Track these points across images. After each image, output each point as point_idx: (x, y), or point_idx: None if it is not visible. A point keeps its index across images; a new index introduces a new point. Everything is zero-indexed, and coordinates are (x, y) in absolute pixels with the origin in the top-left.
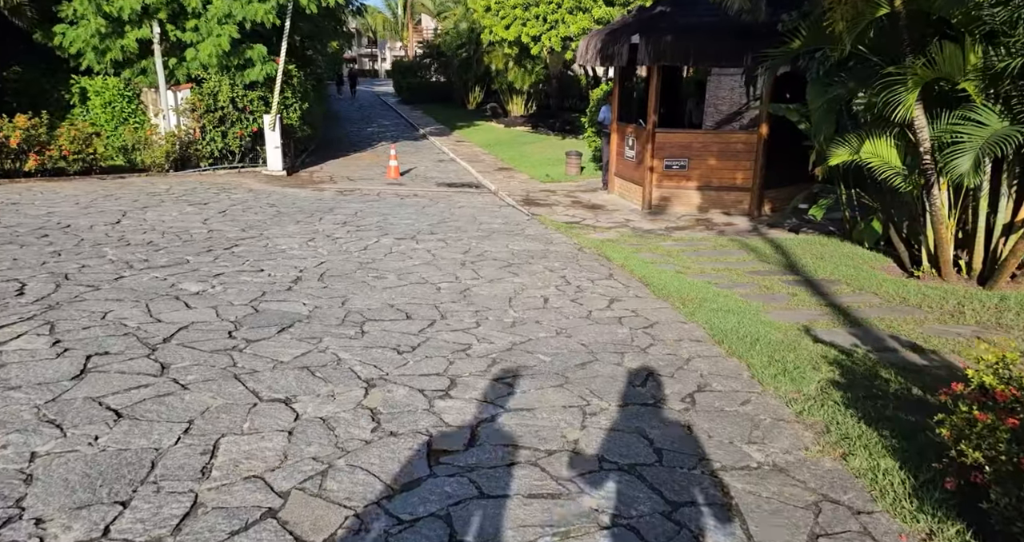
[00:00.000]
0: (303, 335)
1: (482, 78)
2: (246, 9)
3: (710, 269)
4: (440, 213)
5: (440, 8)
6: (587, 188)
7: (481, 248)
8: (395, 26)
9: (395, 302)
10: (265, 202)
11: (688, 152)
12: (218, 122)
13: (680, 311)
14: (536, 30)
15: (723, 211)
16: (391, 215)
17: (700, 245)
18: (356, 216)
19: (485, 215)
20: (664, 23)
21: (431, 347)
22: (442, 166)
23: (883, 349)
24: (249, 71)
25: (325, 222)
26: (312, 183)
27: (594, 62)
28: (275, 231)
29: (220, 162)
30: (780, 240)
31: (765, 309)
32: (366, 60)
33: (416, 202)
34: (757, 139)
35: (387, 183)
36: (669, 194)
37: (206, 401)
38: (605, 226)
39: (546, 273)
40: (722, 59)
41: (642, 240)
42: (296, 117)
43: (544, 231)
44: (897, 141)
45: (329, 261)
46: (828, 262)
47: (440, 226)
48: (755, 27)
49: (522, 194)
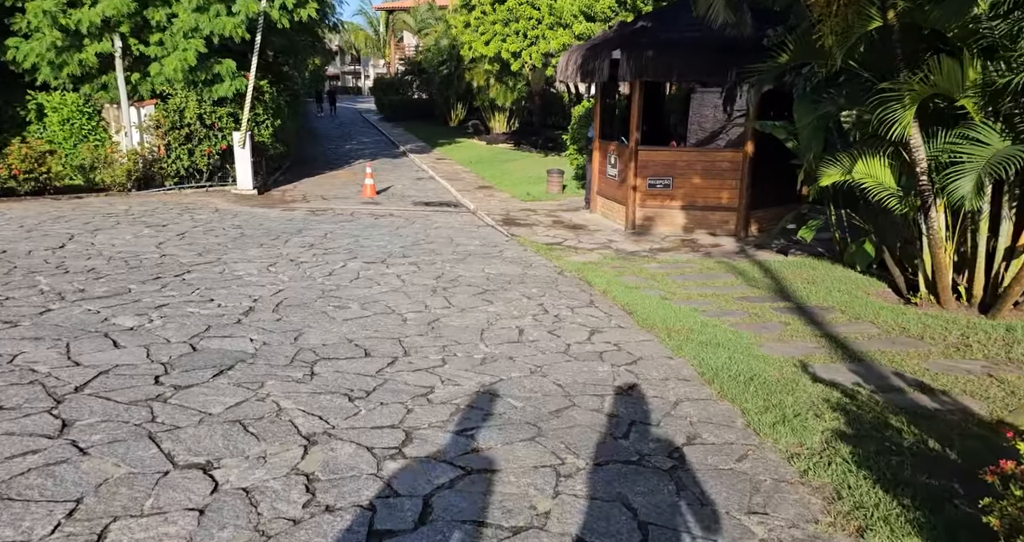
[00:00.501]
0: (243, 379)
1: (464, 95)
2: (214, 23)
3: (697, 294)
4: (415, 234)
5: (421, 25)
6: (569, 207)
7: (455, 273)
8: (377, 43)
9: (355, 336)
10: (230, 223)
11: (672, 170)
12: (184, 139)
13: (666, 344)
14: (516, 46)
15: (709, 231)
16: (363, 237)
17: (686, 268)
18: (325, 238)
19: (462, 236)
20: (646, 38)
21: (388, 391)
22: (420, 184)
23: (888, 389)
24: (218, 87)
25: (291, 245)
26: (283, 202)
27: (575, 78)
28: (235, 255)
29: (187, 181)
30: (768, 262)
31: (757, 341)
32: (349, 77)
33: (391, 222)
34: (743, 157)
35: (362, 202)
36: (653, 214)
37: (106, 470)
38: (587, 248)
39: (523, 300)
40: (706, 74)
41: (625, 263)
42: (268, 134)
43: (523, 253)
44: (891, 161)
45: (288, 289)
46: (820, 287)
47: (414, 248)
48: (739, 42)
49: (502, 213)
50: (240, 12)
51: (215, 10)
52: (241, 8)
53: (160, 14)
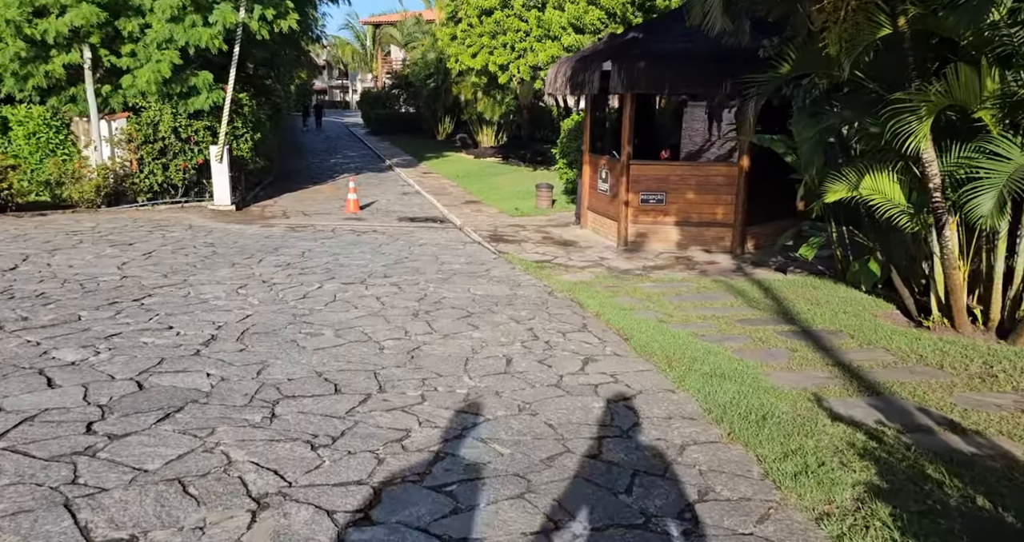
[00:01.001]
0: (191, 424)
1: (451, 108)
2: (189, 33)
3: (695, 317)
4: (398, 252)
5: (408, 39)
6: (559, 223)
7: (439, 294)
8: (364, 57)
9: (325, 369)
10: (202, 241)
11: (665, 185)
12: (158, 154)
13: (667, 375)
14: (504, 59)
15: (704, 248)
16: (343, 255)
17: (682, 287)
18: (303, 257)
19: (448, 254)
20: (637, 49)
21: (358, 436)
22: (406, 199)
23: (915, 428)
24: (194, 99)
25: (265, 264)
26: (262, 218)
27: (564, 90)
28: (203, 276)
29: (161, 197)
30: (768, 281)
31: (764, 370)
32: (337, 91)
33: (373, 239)
34: (738, 172)
35: (345, 218)
36: (646, 230)
37: None
38: (578, 266)
39: (511, 324)
40: (699, 86)
41: (619, 282)
42: (247, 148)
43: (511, 272)
44: (901, 176)
45: (257, 314)
46: (824, 308)
47: (396, 267)
48: (734, 53)
49: (489, 229)
50: (217, 23)
51: (191, 20)
52: (218, 19)
53: (132, 24)
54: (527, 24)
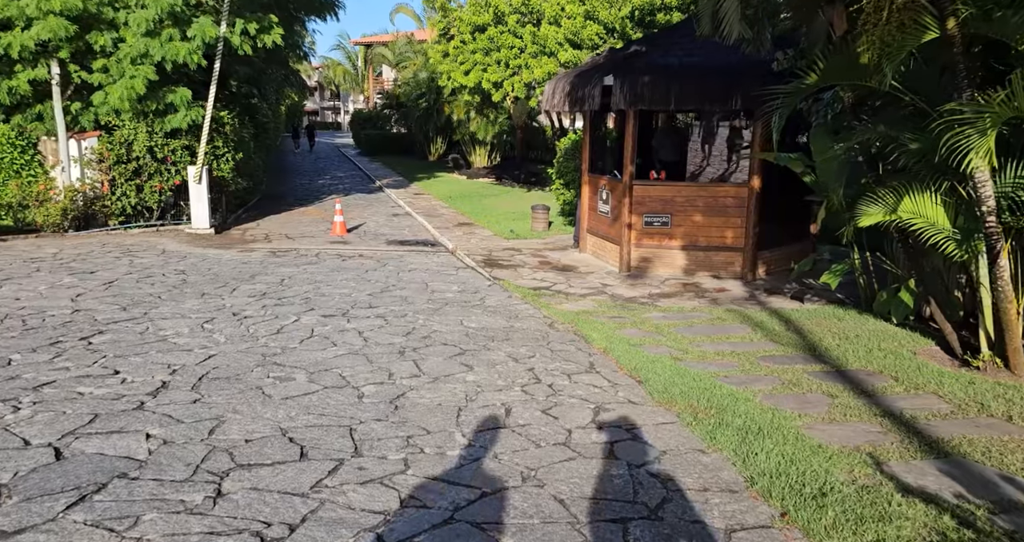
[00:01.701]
0: (109, 512)
1: (443, 129)
2: (166, 48)
3: (713, 353)
4: (385, 279)
5: (399, 58)
6: (556, 246)
7: (429, 327)
8: (355, 78)
9: (291, 425)
10: (173, 268)
11: (671, 207)
12: (132, 174)
13: (693, 429)
14: (497, 76)
15: (712, 274)
16: (325, 282)
17: (694, 318)
18: (281, 285)
19: (439, 280)
20: (640, 63)
21: (323, 524)
22: (396, 221)
23: (1009, 506)
24: (171, 117)
25: (239, 294)
26: (242, 242)
27: (562, 106)
28: (166, 309)
29: (135, 220)
30: (786, 311)
31: (804, 422)
32: (329, 112)
33: (359, 265)
34: (749, 193)
35: (330, 241)
36: (650, 254)
37: None
38: (579, 293)
39: (509, 364)
40: (708, 101)
41: (624, 311)
42: (228, 168)
43: (508, 301)
44: (946, 197)
45: (222, 354)
46: (856, 344)
47: (382, 296)
48: (743, 67)
49: (483, 254)
50: (196, 37)
51: (167, 34)
52: (197, 33)
53: (105, 38)
54: (521, 41)
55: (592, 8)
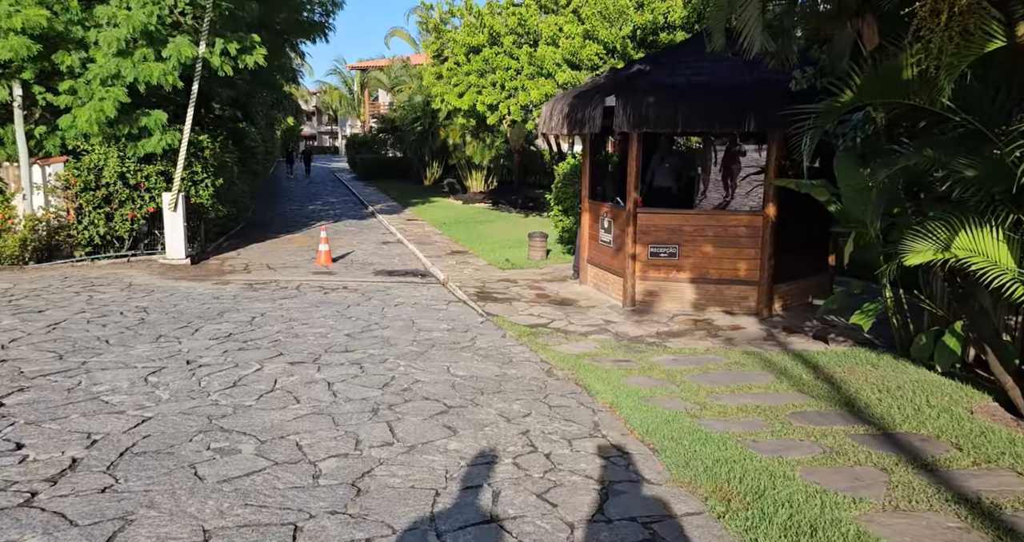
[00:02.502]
0: None
1: (439, 153)
2: (139, 68)
3: (735, 408)
4: (368, 315)
5: (395, 82)
6: (554, 277)
7: (410, 376)
8: (352, 102)
9: (221, 523)
10: (135, 304)
11: (678, 237)
12: (101, 202)
13: (727, 525)
14: (492, 98)
15: (724, 309)
16: (301, 320)
17: (708, 362)
18: (251, 324)
19: (427, 317)
20: (644, 82)
21: None
22: (385, 249)
23: None
24: (145, 141)
25: (200, 336)
26: (219, 274)
27: (560, 129)
28: (110, 357)
29: (104, 250)
30: (811, 354)
31: (859, 510)
32: (326, 137)
33: (342, 299)
34: (763, 222)
35: (313, 272)
36: (656, 288)
37: None
38: (580, 331)
39: (500, 425)
40: (717, 124)
41: (630, 354)
42: (207, 195)
43: (501, 341)
44: (1011, 232)
45: (159, 417)
46: (900, 399)
47: (363, 337)
48: (757, 86)
49: (476, 285)
50: (171, 57)
51: (141, 54)
52: (172, 53)
53: (72, 59)
54: (518, 62)
55: (592, 27)
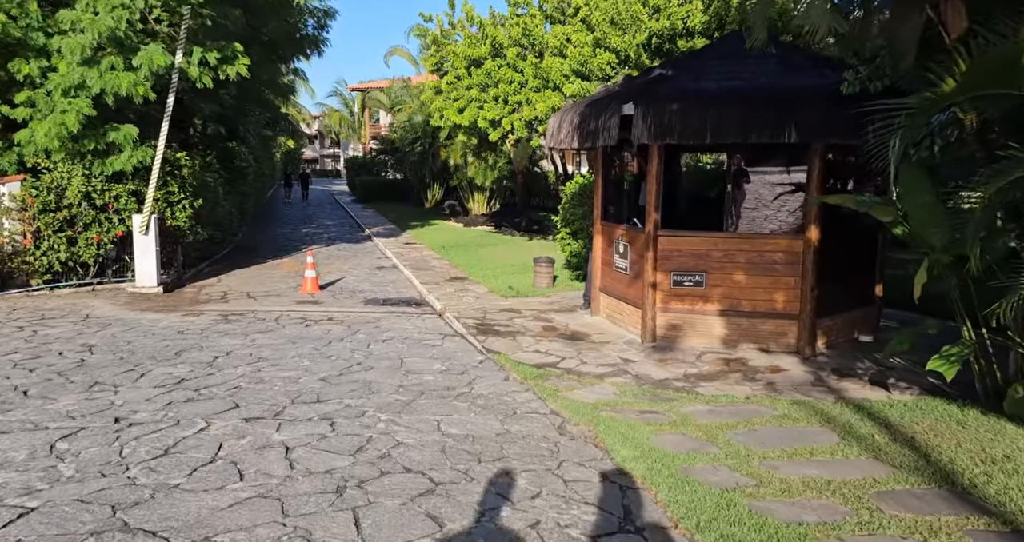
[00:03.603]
0: None
1: (440, 174)
2: (106, 79)
3: (800, 483)
4: (351, 353)
5: (394, 102)
6: (563, 306)
7: (391, 437)
8: (352, 124)
9: None
10: (83, 342)
11: (705, 263)
12: (63, 225)
13: None
14: (495, 113)
15: (759, 346)
16: (271, 360)
17: (753, 415)
18: (211, 366)
19: (418, 354)
20: (667, 88)
21: None
22: (379, 275)
23: None
24: (113, 159)
25: (144, 383)
26: (192, 304)
27: (570, 142)
28: (20, 414)
29: (66, 278)
30: (875, 406)
31: None
32: (329, 160)
33: (324, 333)
34: (804, 246)
35: (297, 301)
36: (680, 320)
37: None
38: (595, 372)
39: (502, 512)
40: (753, 132)
41: (657, 402)
42: (185, 217)
43: (503, 386)
44: None
45: (45, 507)
46: (1016, 475)
47: (340, 381)
48: (798, 91)
49: (476, 316)
50: (142, 66)
51: (108, 62)
52: (143, 61)
53: (31, 67)
54: (522, 75)
55: (603, 35)
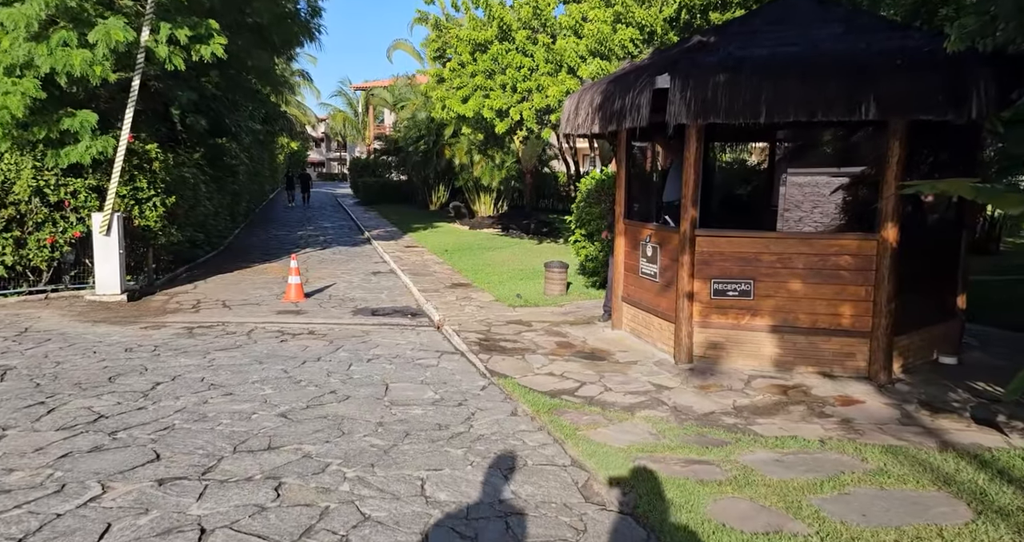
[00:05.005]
0: None
1: (444, 174)
2: (56, 56)
3: None
4: (326, 377)
5: (398, 99)
6: (579, 318)
7: (356, 510)
8: (356, 124)
9: None
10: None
11: (754, 269)
12: (9, 224)
13: None
14: (502, 102)
15: (819, 370)
16: (224, 388)
17: (835, 467)
18: (146, 397)
19: (408, 378)
20: (710, 58)
21: None
22: (374, 282)
23: None
24: (70, 149)
25: (46, 423)
26: (157, 314)
27: (589, 126)
28: None
29: (15, 284)
30: (1003, 459)
31: None
32: (335, 163)
33: (300, 350)
34: (878, 248)
35: (278, 311)
36: (722, 338)
37: None
38: (622, 403)
39: None
40: (821, 108)
41: (707, 448)
42: (155, 216)
43: (510, 423)
44: None
45: None
46: None
47: (305, 417)
48: (873, 58)
49: (479, 329)
50: (99, 43)
51: (60, 38)
52: (100, 37)
53: None
54: (532, 60)
55: (624, 9)
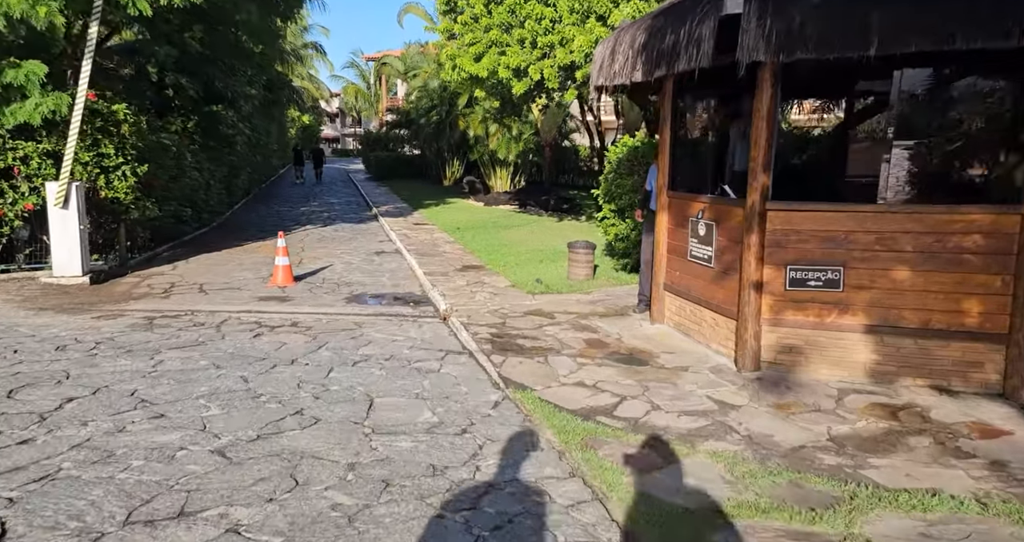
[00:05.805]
0: None
1: (459, 147)
2: None
3: None
4: (295, 388)
5: (409, 67)
6: (610, 308)
7: None
8: (369, 97)
9: None
10: None
11: (845, 252)
12: None
13: None
14: (519, 60)
15: (933, 383)
16: (156, 406)
17: None
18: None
19: (400, 391)
20: None
21: None
22: (376, 263)
23: None
24: (16, 107)
25: None
26: (119, 300)
27: (630, 73)
28: None
29: None
30: None
31: None
32: (350, 139)
33: (274, 348)
34: (1021, 226)
35: (261, 296)
36: (800, 339)
37: None
38: (678, 430)
39: None
40: (950, 35)
41: (812, 513)
42: (125, 187)
43: (531, 464)
44: None
45: None
46: None
47: (248, 456)
48: None
49: (493, 322)
50: None
51: None
52: None
53: None
54: (555, 10)
55: None
